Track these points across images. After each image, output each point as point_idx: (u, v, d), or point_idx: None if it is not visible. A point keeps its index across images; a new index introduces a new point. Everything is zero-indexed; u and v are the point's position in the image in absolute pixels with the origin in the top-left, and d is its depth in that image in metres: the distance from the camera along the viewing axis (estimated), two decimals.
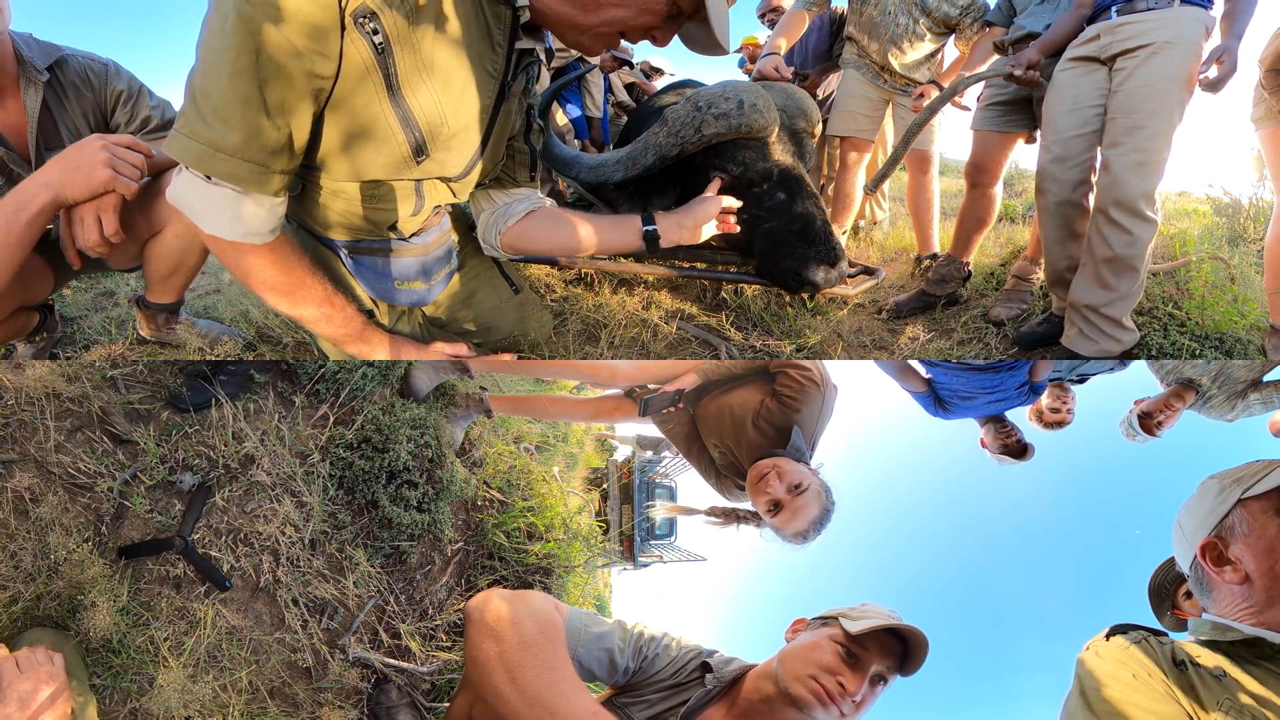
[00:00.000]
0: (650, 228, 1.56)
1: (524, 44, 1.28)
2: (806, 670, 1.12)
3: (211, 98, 1.00)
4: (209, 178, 1.06)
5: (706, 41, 1.25)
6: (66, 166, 1.30)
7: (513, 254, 1.64)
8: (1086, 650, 0.89)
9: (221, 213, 1.09)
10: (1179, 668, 0.79)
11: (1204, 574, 0.89)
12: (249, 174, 1.05)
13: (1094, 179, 1.98)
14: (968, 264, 2.64)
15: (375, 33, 1.04)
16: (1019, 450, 2.60)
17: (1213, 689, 0.75)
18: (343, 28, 1.02)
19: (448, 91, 1.18)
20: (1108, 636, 0.89)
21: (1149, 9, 1.83)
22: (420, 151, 1.21)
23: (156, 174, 1.51)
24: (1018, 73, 2.04)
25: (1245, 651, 0.80)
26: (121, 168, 1.31)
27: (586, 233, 1.58)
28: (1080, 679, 0.86)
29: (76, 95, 1.61)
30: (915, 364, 2.49)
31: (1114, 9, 1.89)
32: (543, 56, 1.43)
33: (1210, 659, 0.80)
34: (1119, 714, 0.78)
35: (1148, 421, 2.56)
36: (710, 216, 1.61)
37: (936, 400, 2.59)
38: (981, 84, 2.46)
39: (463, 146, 1.28)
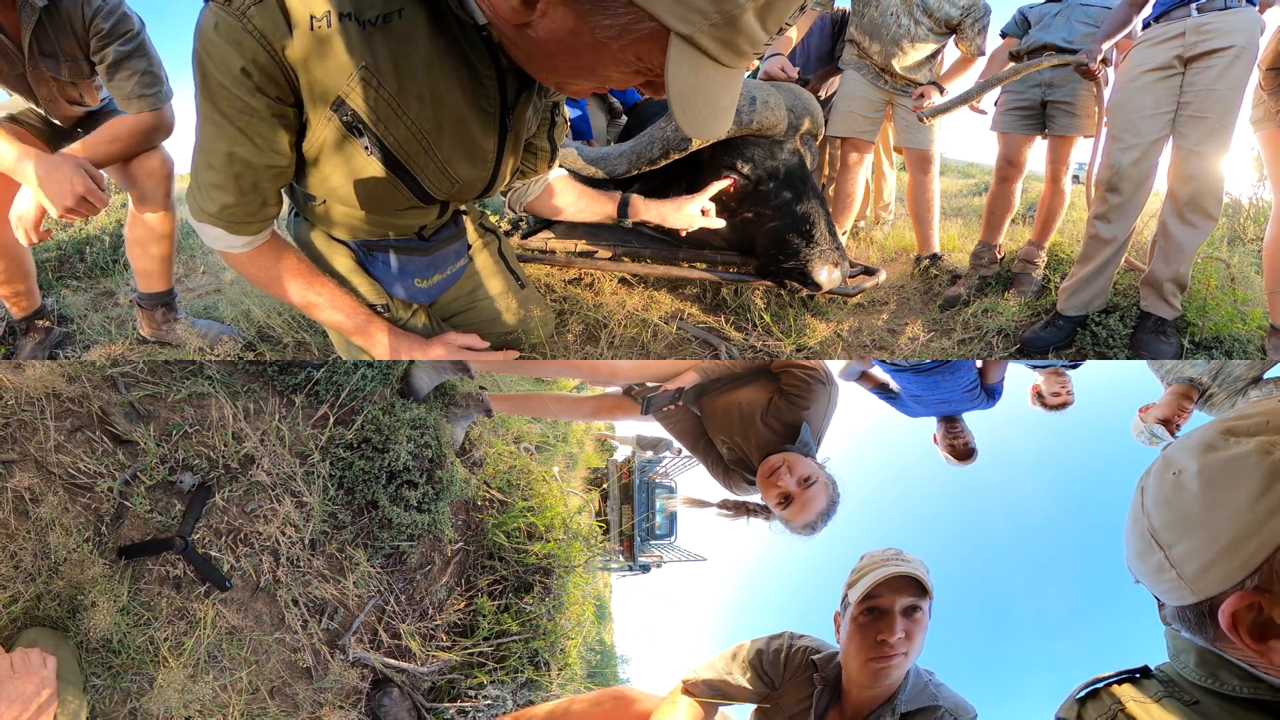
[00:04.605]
0: (624, 199, 1.74)
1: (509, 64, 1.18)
2: (858, 659, 1.26)
3: (199, 174, 1.10)
4: None
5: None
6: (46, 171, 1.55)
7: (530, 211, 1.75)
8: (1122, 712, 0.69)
9: (220, 241, 1.18)
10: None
11: None
12: (239, 227, 1.15)
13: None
14: (998, 246, 2.89)
15: (348, 115, 1.04)
16: (964, 454, 2.61)
17: None
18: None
19: (453, 152, 1.16)
20: (1119, 684, 0.71)
21: (1225, 8, 2.00)
22: (430, 200, 1.24)
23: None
24: (1092, 65, 2.24)
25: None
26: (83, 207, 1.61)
27: (586, 199, 1.74)
28: None
29: (68, 15, 1.81)
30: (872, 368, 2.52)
31: (1194, 6, 2.03)
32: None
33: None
34: None
35: (1170, 427, 2.57)
36: (685, 217, 1.78)
37: (889, 393, 2.61)
38: (998, 91, 2.77)
39: (475, 184, 1.28)
